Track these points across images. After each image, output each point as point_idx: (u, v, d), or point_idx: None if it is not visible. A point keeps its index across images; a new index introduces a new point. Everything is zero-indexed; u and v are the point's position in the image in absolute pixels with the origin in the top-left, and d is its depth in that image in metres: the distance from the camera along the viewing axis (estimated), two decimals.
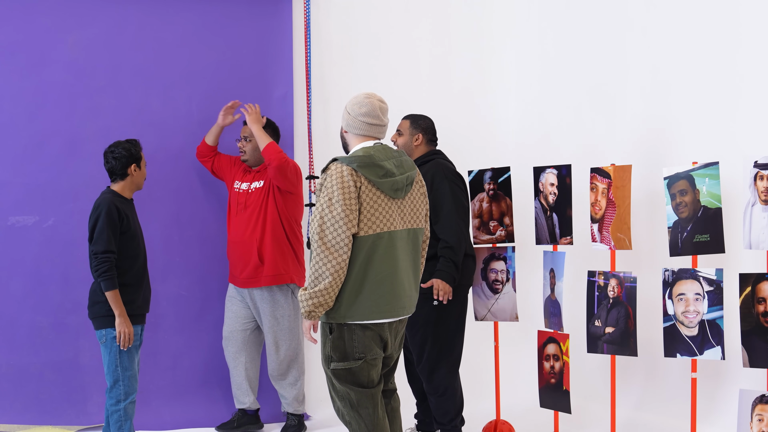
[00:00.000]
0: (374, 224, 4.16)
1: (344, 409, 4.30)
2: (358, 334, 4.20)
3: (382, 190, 4.20)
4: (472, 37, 7.27)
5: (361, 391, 4.25)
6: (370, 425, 4.27)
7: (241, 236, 5.90)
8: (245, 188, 5.98)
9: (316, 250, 4.08)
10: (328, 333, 4.24)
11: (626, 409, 6.14)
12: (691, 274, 4.94)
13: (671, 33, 6.10)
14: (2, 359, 5.95)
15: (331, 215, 4.07)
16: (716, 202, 4.87)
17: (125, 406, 5.00)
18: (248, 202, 5.94)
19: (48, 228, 6.03)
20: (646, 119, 6.24)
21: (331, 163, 4.23)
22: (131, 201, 5.21)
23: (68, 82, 6.08)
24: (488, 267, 5.82)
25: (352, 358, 4.22)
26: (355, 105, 4.37)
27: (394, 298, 4.24)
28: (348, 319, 4.16)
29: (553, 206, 5.58)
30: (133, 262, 5.07)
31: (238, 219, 5.94)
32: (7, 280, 5.98)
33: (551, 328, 5.62)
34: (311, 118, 6.70)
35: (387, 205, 4.22)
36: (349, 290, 4.14)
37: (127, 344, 4.92)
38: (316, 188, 4.25)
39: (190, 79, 6.34)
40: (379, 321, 4.23)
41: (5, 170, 5.98)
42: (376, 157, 4.21)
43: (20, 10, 5.99)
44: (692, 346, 4.93)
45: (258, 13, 6.49)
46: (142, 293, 5.12)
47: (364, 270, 4.15)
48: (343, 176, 4.11)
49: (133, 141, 5.20)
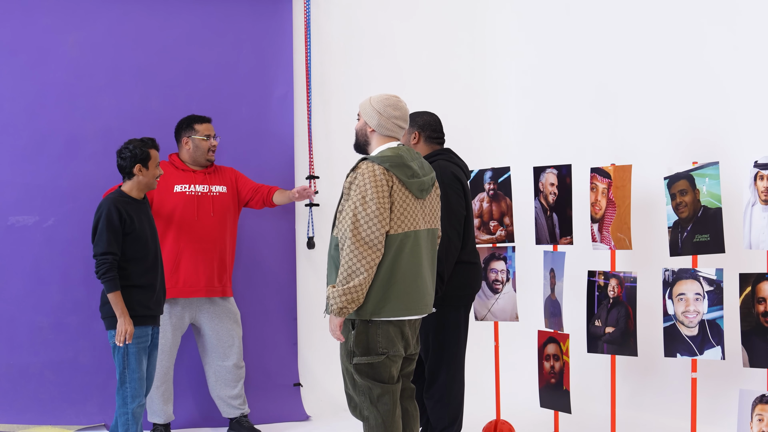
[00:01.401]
0: (403, 223, 4.24)
1: (363, 404, 4.32)
2: (383, 329, 4.25)
3: (410, 190, 4.28)
4: (473, 37, 7.28)
5: (382, 386, 4.29)
6: (387, 420, 4.29)
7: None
8: (203, 191, 5.89)
9: (349, 247, 4.11)
10: (350, 328, 4.28)
11: (626, 409, 6.13)
12: (691, 274, 4.94)
13: (670, 32, 6.10)
14: (2, 359, 5.95)
15: (365, 213, 4.12)
16: (716, 202, 4.87)
17: (133, 409, 4.88)
18: (214, 206, 5.90)
19: (48, 228, 6.02)
20: (646, 119, 6.24)
21: (361, 162, 4.27)
22: (142, 201, 5.08)
23: (68, 81, 6.08)
24: (488, 267, 5.81)
25: (374, 353, 4.27)
26: (388, 106, 4.37)
27: (419, 296, 4.32)
28: (374, 316, 4.21)
29: (553, 206, 5.58)
30: (141, 263, 4.96)
31: (203, 223, 5.86)
32: (7, 279, 5.97)
33: (551, 328, 5.62)
34: (311, 118, 6.71)
35: (413, 205, 4.30)
36: (378, 287, 4.19)
37: (123, 341, 4.81)
38: (344, 187, 4.26)
39: (190, 78, 6.34)
40: (404, 318, 4.29)
41: (5, 170, 5.98)
42: (405, 158, 4.28)
43: (20, 10, 5.99)
44: (692, 346, 4.93)
45: (258, 12, 6.50)
46: (155, 295, 5.02)
47: (392, 267, 4.21)
48: (376, 175, 4.17)
49: (144, 140, 5.06)
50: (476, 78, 7.28)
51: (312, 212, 6.68)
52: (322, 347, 6.76)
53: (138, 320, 4.91)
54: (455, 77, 7.19)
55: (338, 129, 6.82)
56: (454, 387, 5.25)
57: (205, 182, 5.89)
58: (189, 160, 5.92)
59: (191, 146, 5.88)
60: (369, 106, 4.41)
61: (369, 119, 4.40)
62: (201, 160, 5.91)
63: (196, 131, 5.87)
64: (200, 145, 5.87)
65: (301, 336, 6.67)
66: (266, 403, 6.33)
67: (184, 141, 5.91)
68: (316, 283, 6.72)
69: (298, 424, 6.33)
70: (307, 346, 6.72)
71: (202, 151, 5.88)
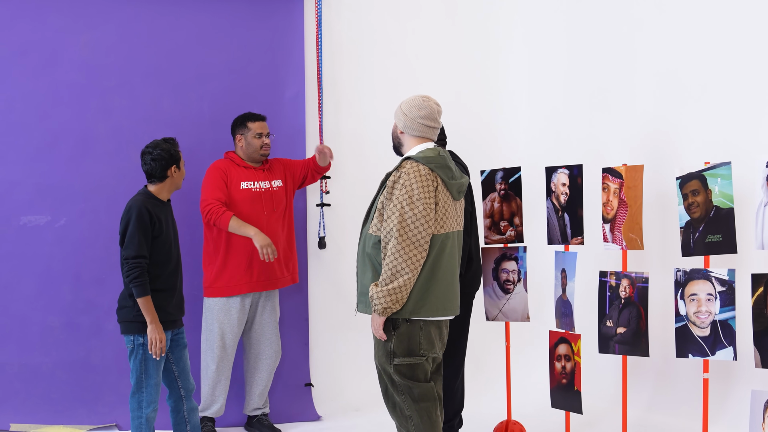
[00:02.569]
0: (444, 224, 4.28)
1: (405, 404, 4.34)
2: (425, 330, 4.29)
3: (450, 191, 4.33)
4: (484, 37, 7.27)
5: (423, 386, 4.33)
6: (432, 416, 4.33)
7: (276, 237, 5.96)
8: (266, 186, 5.99)
9: (395, 246, 4.14)
10: (391, 329, 4.29)
11: (638, 410, 6.12)
12: (703, 275, 4.93)
13: (681, 32, 6.08)
14: (14, 359, 5.97)
15: (413, 213, 4.16)
16: (728, 202, 4.85)
17: (147, 414, 4.84)
18: (275, 202, 5.99)
19: (60, 228, 6.04)
20: (658, 119, 6.23)
21: (404, 162, 4.30)
22: (168, 203, 5.04)
23: (80, 82, 6.09)
24: (499, 267, 5.81)
25: (416, 354, 4.30)
26: (412, 107, 4.43)
27: (455, 296, 4.39)
28: (414, 315, 4.23)
29: (564, 206, 5.57)
30: (164, 267, 4.91)
31: (269, 219, 5.95)
32: (19, 279, 5.99)
33: (562, 329, 5.61)
34: (323, 118, 6.70)
35: (452, 206, 4.36)
36: (420, 286, 4.23)
37: (159, 353, 4.77)
38: (387, 186, 4.28)
39: (202, 79, 6.35)
40: (443, 318, 4.35)
41: (17, 170, 6.00)
42: (447, 159, 4.34)
43: (32, 11, 6.00)
44: (704, 347, 4.91)
45: (269, 13, 6.50)
46: (174, 299, 4.97)
47: (433, 268, 4.25)
48: (422, 175, 4.21)
49: (171, 140, 5.02)
50: (487, 77, 7.27)
51: (323, 212, 6.68)
52: (333, 347, 6.76)
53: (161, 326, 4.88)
54: (466, 77, 7.18)
55: (349, 129, 6.82)
56: (456, 382, 5.37)
57: (266, 178, 6.01)
58: (244, 157, 6.02)
59: (244, 144, 5.98)
60: (398, 109, 4.49)
61: (398, 121, 4.48)
62: (255, 157, 6.00)
63: (248, 129, 5.97)
64: (252, 143, 5.96)
65: (313, 336, 6.67)
66: (278, 403, 6.33)
67: (237, 138, 6.02)
68: (327, 284, 6.72)
69: (310, 424, 6.33)
70: (319, 346, 6.71)
71: (255, 149, 5.97)
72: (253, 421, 6.10)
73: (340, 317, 6.70)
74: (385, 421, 5.78)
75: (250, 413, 6.12)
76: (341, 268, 6.75)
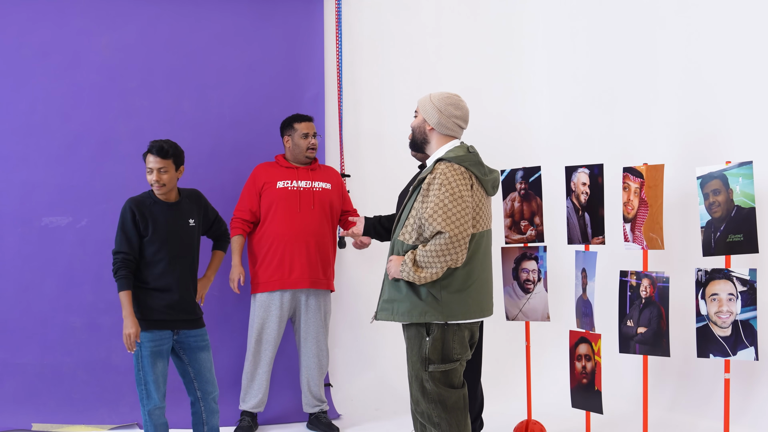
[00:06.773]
0: (479, 222, 4.20)
1: (434, 411, 4.21)
2: (459, 334, 4.19)
3: (485, 187, 4.24)
4: (504, 36, 7.26)
5: (455, 392, 4.23)
6: (462, 424, 4.23)
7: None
8: (305, 186, 6.02)
9: (438, 241, 4.00)
10: (425, 334, 4.19)
11: (658, 410, 6.10)
12: (724, 274, 4.91)
13: (703, 32, 6.06)
14: (35, 359, 6.01)
15: (456, 211, 4.04)
16: (750, 201, 4.83)
17: (149, 410, 4.85)
18: (315, 201, 6.02)
19: (81, 228, 6.08)
20: (679, 118, 6.20)
21: (438, 163, 4.17)
22: (173, 204, 4.98)
23: (101, 83, 6.13)
24: (520, 267, 5.80)
25: (450, 360, 4.20)
26: (449, 105, 4.29)
27: (489, 296, 4.30)
28: (451, 318, 4.13)
29: (585, 206, 5.56)
30: (155, 267, 4.88)
31: (303, 216, 5.98)
32: (41, 280, 6.03)
33: (583, 328, 5.60)
34: (342, 118, 6.72)
35: (485, 203, 4.26)
36: (456, 288, 4.13)
37: (130, 347, 4.75)
38: (423, 189, 4.15)
39: (222, 79, 6.37)
40: (477, 320, 4.25)
41: (39, 171, 6.03)
42: (477, 154, 4.24)
43: (54, 13, 6.05)
44: (725, 347, 4.89)
45: (289, 13, 6.52)
46: (170, 299, 4.89)
47: (470, 267, 4.16)
48: (459, 174, 4.10)
49: (168, 142, 4.95)
50: (508, 77, 7.26)
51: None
52: (352, 347, 6.77)
53: (151, 324, 4.85)
54: (487, 76, 7.17)
55: (369, 129, 6.84)
56: (476, 384, 5.38)
57: (308, 178, 6.06)
58: (291, 158, 6.11)
59: (291, 144, 6.06)
60: (429, 104, 4.31)
61: (429, 117, 4.31)
62: (300, 158, 6.07)
63: (295, 130, 6.05)
64: (299, 143, 6.04)
65: (331, 336, 6.67)
66: (297, 403, 6.33)
67: (285, 139, 6.11)
68: (347, 283, 6.73)
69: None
70: (337, 346, 6.72)
71: (301, 149, 6.05)
72: (311, 418, 6.16)
73: (359, 317, 6.71)
74: (405, 422, 5.78)
75: (309, 411, 6.17)
76: (361, 267, 6.76)
